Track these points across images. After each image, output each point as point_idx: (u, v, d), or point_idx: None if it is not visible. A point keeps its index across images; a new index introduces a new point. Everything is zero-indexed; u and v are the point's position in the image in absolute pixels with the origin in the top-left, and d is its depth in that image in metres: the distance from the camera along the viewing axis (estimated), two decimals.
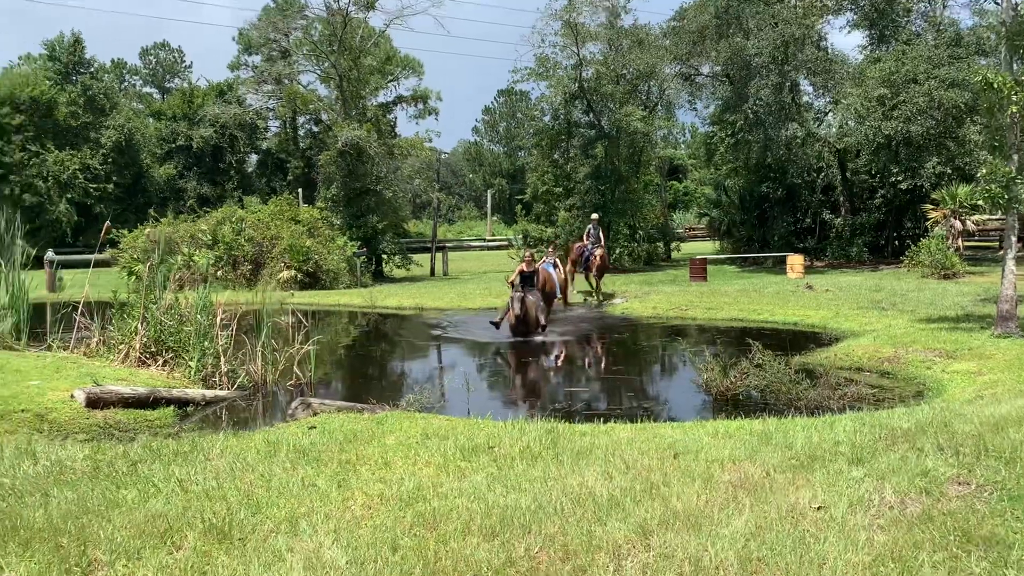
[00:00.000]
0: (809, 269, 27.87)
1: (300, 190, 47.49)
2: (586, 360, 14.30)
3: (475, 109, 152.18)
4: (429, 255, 35.08)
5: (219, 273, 28.23)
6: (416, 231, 50.15)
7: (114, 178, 52.02)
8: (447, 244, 38.34)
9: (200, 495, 4.89)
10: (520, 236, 35.73)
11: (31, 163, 48.52)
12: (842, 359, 11.93)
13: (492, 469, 5.36)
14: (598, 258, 21.39)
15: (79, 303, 12.62)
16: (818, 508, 4.41)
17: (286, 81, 50.45)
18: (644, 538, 4.08)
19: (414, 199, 44.92)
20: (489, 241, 51.33)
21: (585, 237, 22.31)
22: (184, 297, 12.43)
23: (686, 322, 17.74)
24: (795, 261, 26.27)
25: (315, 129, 54.53)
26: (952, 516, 4.23)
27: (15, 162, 48.06)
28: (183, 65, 74.42)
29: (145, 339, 11.35)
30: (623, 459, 5.45)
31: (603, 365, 13.58)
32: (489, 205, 55.45)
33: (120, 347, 11.45)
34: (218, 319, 11.38)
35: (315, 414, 7.56)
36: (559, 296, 18.44)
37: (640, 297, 21.35)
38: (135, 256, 28.90)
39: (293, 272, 27.59)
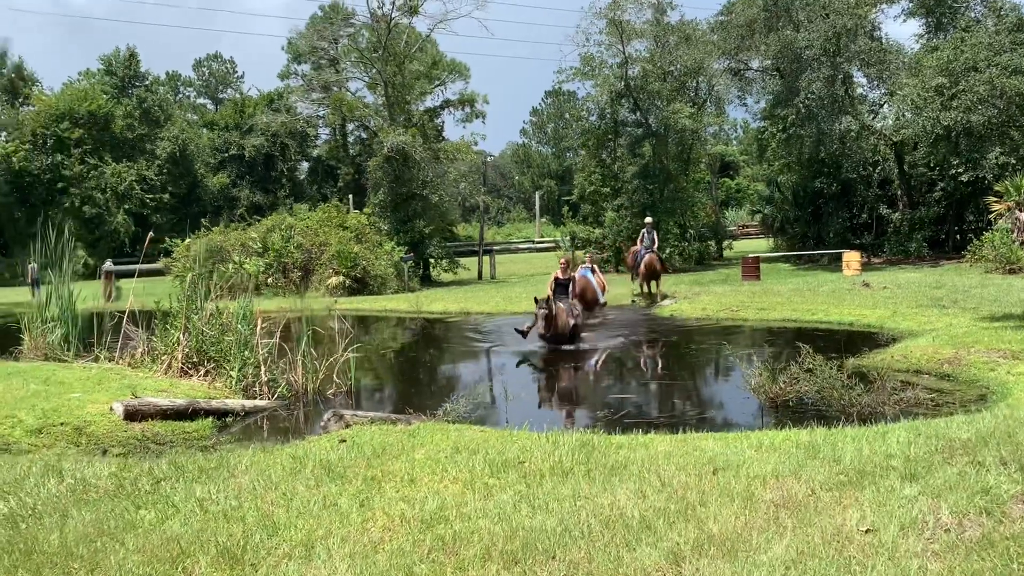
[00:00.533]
0: (866, 266, 27.07)
1: (351, 196, 47.87)
2: (629, 365, 13.88)
3: (523, 111, 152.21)
4: (476, 258, 34.96)
5: (269, 280, 28.53)
6: (465, 234, 50.19)
7: (169, 188, 53.16)
8: (494, 247, 38.20)
9: (218, 515, 4.76)
10: (567, 237, 35.44)
11: (90, 176, 49.83)
12: (899, 361, 11.41)
13: (520, 487, 5.12)
14: (643, 266, 20.94)
15: (124, 313, 12.75)
16: (866, 531, 4.09)
17: (334, 88, 50.99)
18: (676, 565, 3.81)
19: (463, 203, 45.02)
20: (538, 243, 51.10)
21: (639, 242, 21.85)
22: (227, 306, 12.42)
23: (737, 323, 17.27)
24: (851, 258, 25.52)
25: (364, 136, 54.98)
26: (1016, 541, 3.87)
27: (74, 175, 49.41)
28: (235, 76, 75.74)
29: (187, 349, 11.37)
30: (659, 475, 5.17)
31: (646, 370, 13.21)
32: (537, 207, 55.15)
33: (163, 358, 11.49)
34: (258, 328, 11.33)
35: (347, 426, 7.42)
36: (602, 302, 18.04)
37: (690, 298, 20.89)
38: (187, 265, 29.37)
39: (341, 278, 27.74)
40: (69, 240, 13.64)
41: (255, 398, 10.69)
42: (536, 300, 14.38)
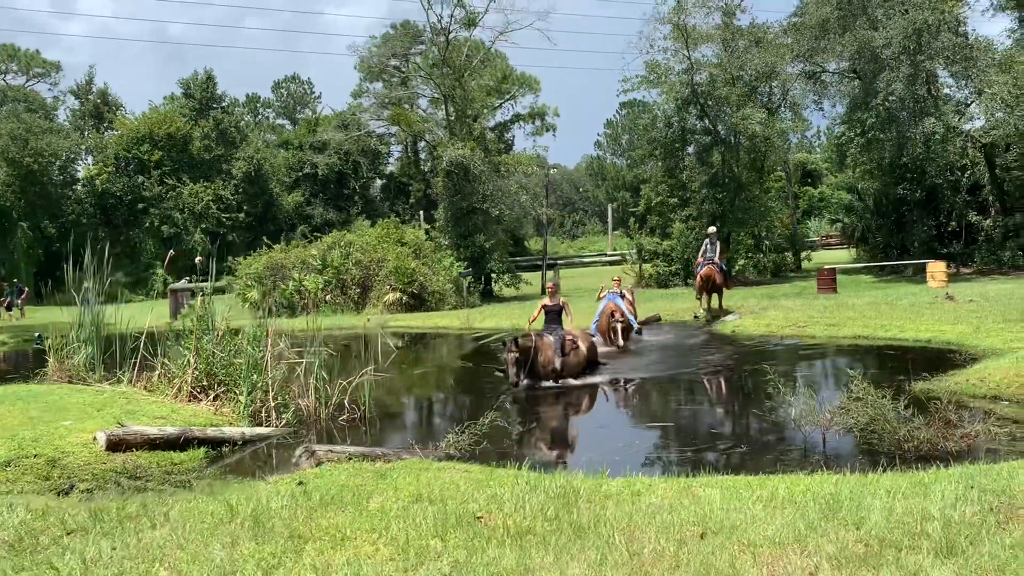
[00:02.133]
0: (954, 277, 25.19)
1: (421, 212, 47.78)
2: (669, 390, 12.56)
3: (598, 123, 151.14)
4: (540, 273, 34.17)
5: (328, 297, 28.31)
6: (537, 248, 49.49)
7: (245, 207, 54.03)
8: (558, 261, 37.31)
9: None
10: (634, 250, 34.30)
11: (168, 196, 51.04)
12: (975, 385, 10.06)
13: (460, 553, 4.25)
14: (699, 277, 19.70)
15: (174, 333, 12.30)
16: None
17: (405, 106, 51.04)
18: None
19: (537, 217, 44.34)
20: (610, 256, 50.02)
21: (701, 254, 20.61)
22: (284, 323, 11.76)
23: (802, 341, 15.93)
24: (936, 269, 23.73)
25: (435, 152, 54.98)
26: None
27: (154, 195, 50.70)
28: (313, 96, 77.07)
29: (197, 372, 10.87)
30: (630, 541, 4.23)
31: (687, 396, 11.99)
32: (610, 219, 54.08)
33: (174, 381, 11.03)
34: (268, 349, 10.73)
35: (319, 464, 6.68)
36: (637, 327, 16.60)
37: (756, 313, 19.59)
38: (248, 283, 29.47)
39: (399, 294, 27.31)
40: (96, 262, 13.27)
41: (261, 425, 10.09)
42: (504, 343, 12.22)
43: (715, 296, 20.11)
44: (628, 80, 32.97)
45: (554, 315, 12.98)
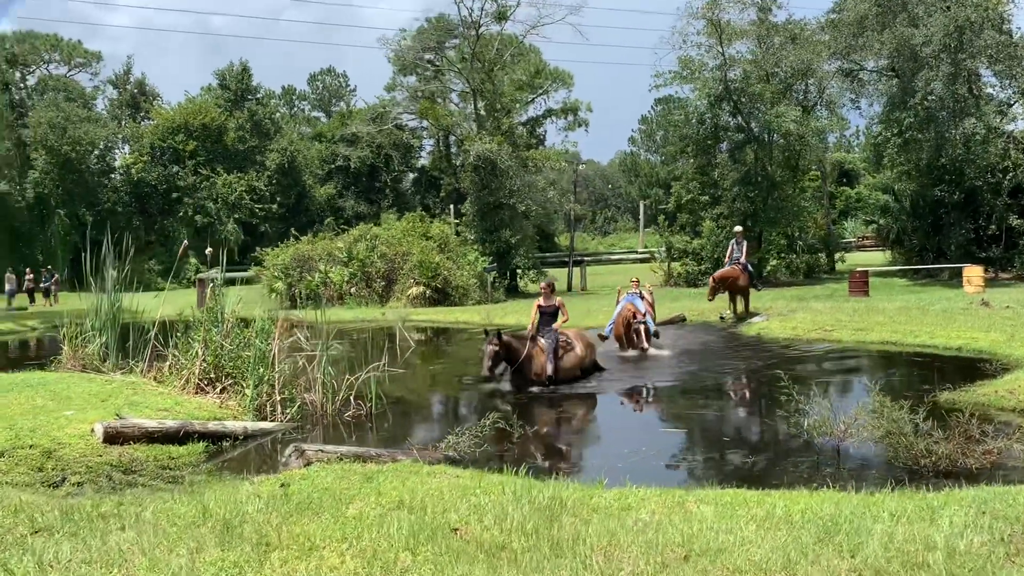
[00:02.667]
0: (992, 282, 24.49)
1: (452, 206, 47.65)
2: (682, 395, 12.00)
3: (632, 119, 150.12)
4: (566, 269, 33.86)
5: (352, 290, 28.28)
6: (567, 244, 49.16)
7: (278, 198, 54.37)
8: (585, 257, 36.93)
9: None
10: (663, 248, 33.85)
11: (202, 186, 51.48)
12: (1004, 397, 9.61)
13: (427, 569, 4.03)
14: (714, 278, 19.15)
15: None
16: None
17: (439, 100, 50.92)
18: None
19: (568, 213, 43.96)
20: (640, 253, 49.56)
21: (728, 255, 20.15)
22: (307, 315, 11.52)
23: (828, 345, 15.48)
24: (972, 273, 23.06)
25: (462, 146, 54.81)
26: None
27: (188, 185, 51.17)
28: (348, 89, 77.24)
29: (204, 365, 10.78)
30: (609, 561, 3.99)
31: (702, 401, 11.55)
32: (642, 216, 53.56)
33: (183, 373, 10.94)
34: (276, 342, 10.59)
35: (308, 463, 6.50)
36: (653, 330, 15.45)
37: (784, 315, 19.12)
38: (275, 274, 29.54)
39: (422, 288, 27.18)
40: (109, 251, 13.18)
41: (267, 419, 9.96)
42: (486, 332, 11.80)
43: (739, 298, 19.58)
44: (660, 75, 32.45)
45: (548, 316, 12.27)
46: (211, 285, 11.49)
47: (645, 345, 14.92)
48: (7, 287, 33.62)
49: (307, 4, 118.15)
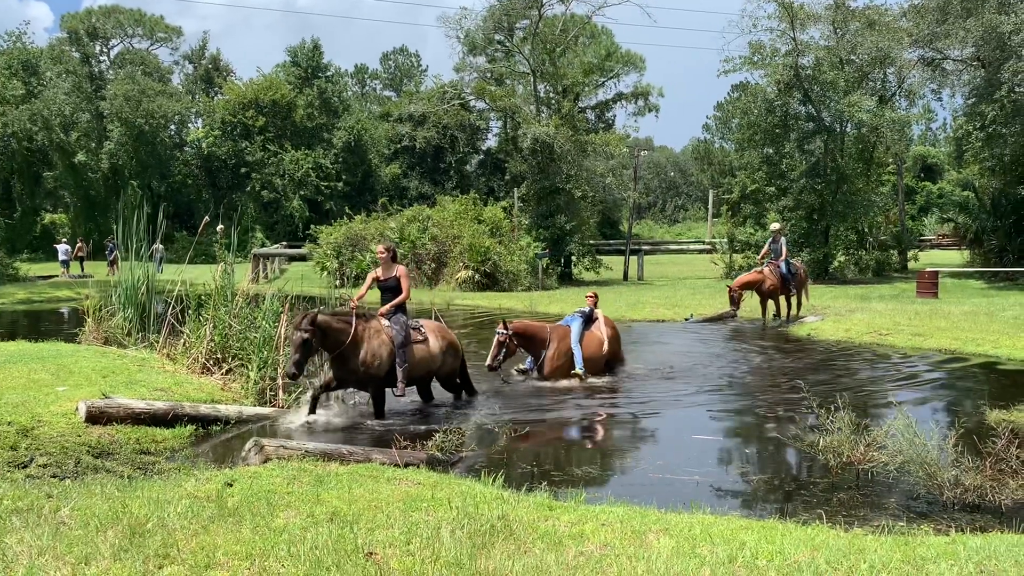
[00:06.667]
0: None
1: (516, 190, 47.12)
2: (703, 400, 10.86)
3: (707, 105, 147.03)
4: (624, 257, 33.06)
5: None
6: (634, 232, 48.14)
7: (344, 176, 54.68)
8: (644, 245, 36.01)
9: None
10: (724, 239, 32.72)
11: (270, 162, 52.08)
12: None
13: None
14: (731, 290, 18.02)
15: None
16: None
17: (507, 81, 50.30)
18: None
19: (636, 201, 42.92)
20: (706, 243, 48.27)
21: (761, 256, 19.15)
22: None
23: (880, 350, 14.48)
24: None
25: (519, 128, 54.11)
26: None
27: (256, 161, 51.82)
28: (420, 69, 77.27)
29: (212, 344, 10.54)
30: None
31: (714, 409, 10.74)
32: (710, 205, 52.16)
33: (192, 351, 10.74)
34: (283, 325, 10.26)
35: (266, 460, 6.10)
36: (583, 369, 11.33)
37: (841, 316, 18.09)
38: (327, 252, 29.53)
39: (471, 272, 26.77)
40: (134, 226, 13.08)
41: (268, 403, 9.67)
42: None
43: (783, 300, 18.46)
44: (730, 60, 31.14)
45: (389, 293, 9.81)
46: (223, 265, 11.17)
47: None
48: (60, 256, 34.49)
49: None
